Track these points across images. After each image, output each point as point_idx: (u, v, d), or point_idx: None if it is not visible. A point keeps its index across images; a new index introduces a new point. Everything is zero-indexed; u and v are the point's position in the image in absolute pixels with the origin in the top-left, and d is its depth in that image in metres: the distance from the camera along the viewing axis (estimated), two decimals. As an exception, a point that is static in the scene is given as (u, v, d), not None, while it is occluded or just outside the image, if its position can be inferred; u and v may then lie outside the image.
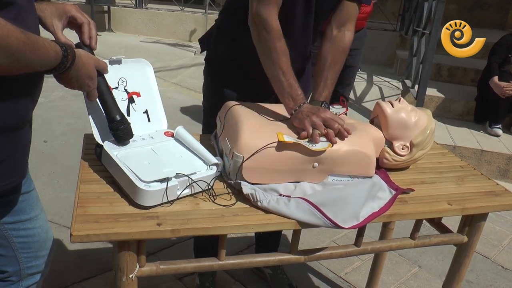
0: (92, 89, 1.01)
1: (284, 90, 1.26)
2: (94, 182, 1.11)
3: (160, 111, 1.29)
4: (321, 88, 1.36)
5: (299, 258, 1.15)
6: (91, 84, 1.00)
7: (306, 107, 1.23)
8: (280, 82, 1.27)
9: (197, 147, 1.18)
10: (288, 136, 1.13)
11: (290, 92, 1.26)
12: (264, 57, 1.30)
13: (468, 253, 1.35)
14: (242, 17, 1.35)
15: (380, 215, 1.11)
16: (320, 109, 1.21)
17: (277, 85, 1.28)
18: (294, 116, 1.23)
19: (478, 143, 3.46)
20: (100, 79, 1.05)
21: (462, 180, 1.34)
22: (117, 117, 1.08)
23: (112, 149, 1.11)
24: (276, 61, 1.26)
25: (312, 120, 1.18)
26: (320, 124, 1.17)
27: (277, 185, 1.13)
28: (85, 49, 1.03)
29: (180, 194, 1.05)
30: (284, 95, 1.27)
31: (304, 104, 1.24)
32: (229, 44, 1.50)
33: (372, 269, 1.91)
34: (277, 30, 1.26)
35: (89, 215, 0.97)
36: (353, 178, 1.19)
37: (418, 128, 1.28)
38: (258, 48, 1.30)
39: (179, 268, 1.08)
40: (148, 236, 0.97)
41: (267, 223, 1.03)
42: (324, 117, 1.18)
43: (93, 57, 1.01)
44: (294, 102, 1.25)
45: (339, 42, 1.40)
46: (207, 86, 1.63)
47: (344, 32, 1.41)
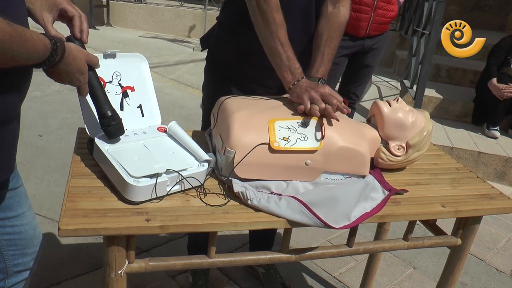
0: (82, 84, 1.00)
1: (283, 62, 1.25)
2: (86, 176, 1.10)
3: (154, 106, 1.27)
4: (317, 64, 1.33)
5: (290, 257, 1.14)
6: (82, 78, 0.98)
7: (305, 82, 1.22)
8: (279, 54, 1.25)
9: (189, 143, 1.16)
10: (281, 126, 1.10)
11: (289, 65, 1.24)
12: (262, 29, 1.28)
13: (462, 255, 1.34)
14: (244, 11, 1.33)
15: (372, 216, 1.09)
16: (319, 85, 1.20)
17: (275, 58, 1.26)
18: (292, 90, 1.22)
19: (476, 144, 3.45)
20: (91, 73, 1.03)
21: (457, 182, 1.33)
22: (109, 112, 1.07)
23: (104, 144, 1.10)
24: (275, 32, 1.25)
25: (311, 94, 1.16)
26: (318, 99, 1.15)
27: (269, 182, 1.12)
28: (76, 43, 1.01)
29: (170, 190, 1.04)
30: (282, 68, 1.25)
31: (302, 78, 1.23)
32: (231, 42, 1.48)
33: (366, 269, 1.90)
34: (276, 2, 1.25)
35: (78, 210, 0.96)
36: (347, 177, 1.18)
37: (415, 129, 1.27)
38: (255, 21, 1.29)
39: (168, 265, 1.07)
40: (137, 231, 0.95)
41: (257, 221, 1.02)
42: (323, 92, 1.17)
43: (84, 51, 0.99)
44: (293, 75, 1.24)
45: (335, 18, 1.38)
46: (207, 85, 1.61)
47: (339, 8, 1.39)
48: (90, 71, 1.02)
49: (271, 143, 1.09)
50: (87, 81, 1.01)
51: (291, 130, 1.12)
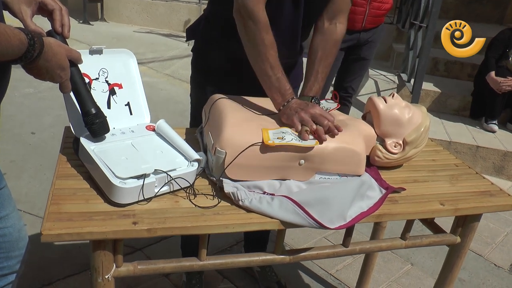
0: (64, 81, 0.95)
1: (272, 84, 1.21)
2: (71, 177, 1.06)
3: (142, 104, 1.23)
4: (311, 82, 1.30)
5: (284, 258, 1.10)
6: (63, 75, 0.94)
7: (295, 103, 1.18)
8: (268, 76, 1.21)
9: (179, 142, 1.12)
10: (274, 132, 1.08)
11: (279, 87, 1.20)
12: (250, 50, 1.23)
13: (461, 254, 1.31)
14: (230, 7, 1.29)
15: (369, 215, 1.06)
16: (309, 105, 1.16)
17: (265, 80, 1.22)
18: (282, 111, 1.18)
19: (474, 139, 3.42)
20: (73, 69, 0.99)
21: (456, 179, 1.30)
22: (92, 110, 1.02)
23: (89, 144, 1.06)
24: (263, 54, 1.20)
25: (301, 116, 1.13)
26: (308, 120, 1.12)
27: (262, 182, 1.08)
28: (57, 37, 0.97)
29: (158, 192, 1.00)
30: (272, 90, 1.21)
31: (293, 99, 1.19)
32: (216, 35, 1.44)
33: (363, 266, 1.87)
34: (265, 22, 1.20)
35: (62, 213, 0.92)
36: (342, 176, 1.15)
37: (412, 125, 1.23)
38: (244, 40, 1.24)
39: (158, 268, 1.03)
40: (123, 235, 0.92)
41: (249, 223, 0.98)
42: (313, 113, 1.13)
43: (65, 46, 0.95)
44: (283, 97, 1.20)
45: (331, 34, 1.34)
46: (194, 77, 1.58)
47: (335, 24, 1.35)
48: (72, 67, 0.98)
49: (264, 141, 1.05)
50: (69, 78, 0.96)
51: (285, 133, 1.08)
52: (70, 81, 0.98)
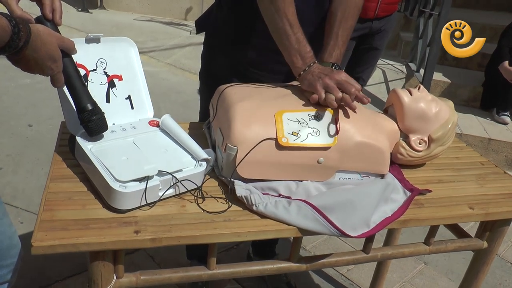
0: (56, 73, 0.85)
1: (291, 45, 1.09)
2: (67, 179, 0.97)
3: (145, 97, 1.13)
4: (330, 47, 1.17)
5: (300, 266, 1.01)
6: (55, 67, 0.83)
7: (317, 67, 1.07)
8: (287, 35, 1.09)
9: (185, 139, 1.02)
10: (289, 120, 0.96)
11: (298, 49, 1.09)
12: (267, 5, 1.12)
13: (488, 260, 1.21)
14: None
15: (394, 221, 0.96)
16: (334, 71, 1.05)
17: (283, 40, 1.11)
18: (302, 77, 1.07)
19: (485, 131, 3.31)
20: (66, 60, 0.88)
21: (483, 179, 1.20)
22: (88, 106, 0.92)
23: (86, 143, 0.96)
24: (282, 10, 1.09)
25: (325, 82, 1.01)
26: (334, 87, 1.00)
27: (277, 183, 0.99)
28: (47, 24, 0.86)
29: (162, 196, 0.91)
30: (291, 52, 1.10)
31: (314, 63, 1.08)
32: (231, 22, 1.33)
33: (377, 267, 1.78)
34: None
35: (56, 221, 0.83)
36: (364, 176, 1.05)
37: (439, 120, 1.13)
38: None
39: (163, 279, 0.94)
40: (124, 246, 0.82)
41: (264, 230, 0.89)
42: (339, 79, 1.01)
43: (56, 34, 0.84)
44: (303, 60, 1.08)
45: None
46: (205, 72, 1.47)
47: None
48: (65, 58, 0.87)
49: (278, 138, 0.95)
50: (61, 70, 0.86)
51: (302, 124, 0.98)
52: (63, 73, 0.87)
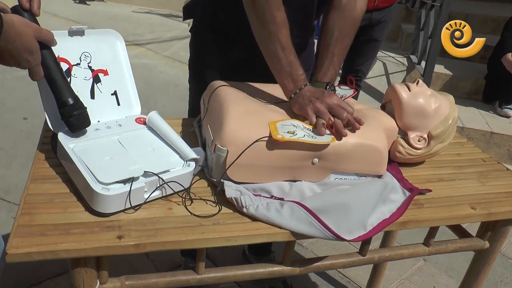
0: (34, 66, 0.80)
1: (283, 69, 1.05)
2: (49, 180, 0.92)
3: (132, 92, 1.08)
4: (325, 67, 1.12)
5: (294, 270, 0.97)
6: (32, 59, 0.79)
7: (309, 90, 1.02)
8: (278, 59, 1.05)
9: (173, 137, 0.98)
10: (283, 124, 0.92)
11: (290, 72, 1.04)
12: (259, 29, 1.07)
13: (489, 260, 1.17)
14: None
15: (392, 223, 0.92)
16: (325, 93, 1.00)
17: (275, 63, 1.06)
18: (293, 100, 1.03)
19: (487, 124, 3.26)
20: (45, 53, 0.84)
21: (485, 176, 1.15)
22: (70, 100, 0.88)
23: (68, 141, 0.91)
24: (274, 34, 1.04)
25: (316, 106, 0.97)
26: (325, 112, 0.96)
27: (270, 184, 0.94)
28: (23, 15, 0.81)
29: (148, 198, 0.86)
30: (282, 75, 1.06)
31: (306, 86, 1.03)
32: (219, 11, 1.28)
33: (375, 264, 1.74)
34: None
35: (34, 226, 0.78)
36: (361, 176, 1.00)
37: (438, 117, 1.08)
38: (251, 18, 1.08)
39: (149, 284, 0.90)
40: (106, 252, 0.78)
41: (255, 234, 0.84)
42: (330, 104, 0.97)
43: (33, 25, 0.79)
44: (294, 83, 1.04)
45: (349, 11, 1.15)
46: (194, 62, 1.43)
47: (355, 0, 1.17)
48: (44, 50, 0.83)
49: (273, 135, 0.89)
50: (39, 62, 0.81)
51: (297, 127, 0.93)
52: (42, 66, 0.83)
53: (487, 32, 4.57)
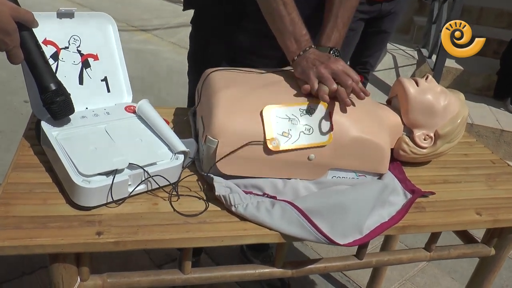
0: (12, 48, 0.75)
1: (285, 27, 0.98)
2: (31, 168, 0.88)
3: (123, 79, 1.03)
4: (329, 29, 1.05)
5: (285, 272, 0.92)
6: (9, 41, 0.74)
7: (313, 53, 0.96)
8: (280, 16, 0.98)
9: (162, 128, 0.92)
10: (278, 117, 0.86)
11: (293, 31, 0.98)
12: None
13: (495, 268, 1.12)
14: None
15: (391, 227, 0.87)
16: (331, 58, 0.93)
17: (276, 21, 1.00)
18: (296, 62, 0.96)
19: (498, 121, 3.17)
20: (25, 34, 0.78)
21: (493, 180, 1.09)
22: (52, 86, 0.83)
23: (52, 129, 0.87)
24: None
25: (320, 71, 0.90)
26: (328, 77, 0.89)
27: (262, 181, 0.89)
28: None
29: (132, 192, 0.81)
30: (284, 34, 0.99)
31: (310, 48, 0.97)
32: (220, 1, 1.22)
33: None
34: None
35: (10, 217, 0.74)
36: (360, 175, 0.94)
37: (447, 115, 1.02)
38: None
39: (132, 283, 0.85)
40: (84, 249, 0.73)
41: (242, 235, 0.79)
42: (335, 69, 0.90)
43: (9, 4, 0.73)
44: (298, 44, 0.97)
45: None
46: (193, 54, 1.37)
47: None
48: (24, 32, 0.78)
49: (267, 141, 0.85)
50: (17, 44, 0.76)
51: (292, 121, 0.87)
52: (22, 49, 0.78)
53: (502, 27, 4.45)
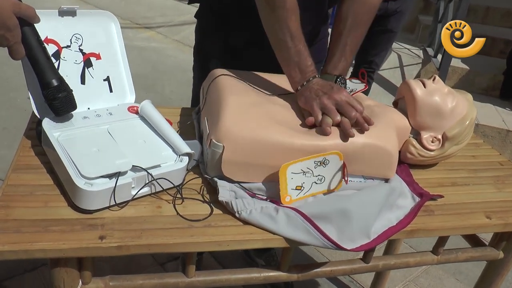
0: (13, 44, 0.74)
1: (291, 58, 0.97)
2: (32, 170, 0.87)
3: (126, 79, 1.02)
4: (336, 58, 1.04)
5: (291, 276, 0.90)
6: (10, 36, 0.73)
7: (317, 83, 0.94)
8: (287, 48, 0.97)
9: (166, 129, 0.91)
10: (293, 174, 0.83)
11: (298, 62, 0.96)
12: (268, 14, 0.99)
13: (503, 271, 1.09)
14: None
15: (399, 231, 0.85)
16: (334, 88, 0.92)
17: (282, 52, 0.99)
18: (300, 93, 0.95)
19: (504, 122, 3.14)
20: (27, 30, 0.78)
21: (502, 182, 1.07)
22: (54, 82, 0.82)
23: (53, 129, 0.85)
24: (283, 20, 0.96)
25: (323, 102, 0.89)
26: (332, 109, 0.88)
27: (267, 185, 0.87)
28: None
29: (135, 195, 0.80)
30: (289, 64, 0.98)
31: (314, 78, 0.95)
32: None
33: (379, 267, 1.67)
34: None
35: (10, 221, 0.73)
36: (367, 179, 0.93)
37: (455, 117, 1.00)
38: (260, 2, 1.00)
39: (135, 286, 0.84)
40: (86, 253, 0.72)
41: (248, 240, 0.78)
42: (339, 100, 0.89)
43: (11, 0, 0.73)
44: (302, 75, 0.96)
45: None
46: (198, 48, 1.36)
47: None
48: (26, 27, 0.77)
49: (282, 198, 0.83)
50: (19, 40, 0.75)
51: (306, 174, 0.84)
52: (24, 45, 0.77)
53: (508, 26, 4.42)
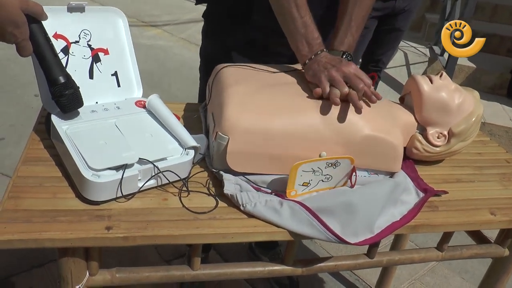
0: (21, 41, 0.75)
1: (297, 30, 0.97)
2: (41, 162, 0.88)
3: (133, 74, 1.02)
4: (342, 33, 1.03)
5: (295, 270, 0.91)
6: (18, 33, 0.74)
7: (325, 56, 0.94)
8: (293, 19, 0.97)
9: (173, 123, 0.92)
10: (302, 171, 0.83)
11: (305, 34, 0.96)
12: None
13: (509, 269, 1.09)
14: None
15: (402, 226, 0.85)
16: (343, 61, 0.92)
17: (288, 23, 0.98)
18: (307, 66, 0.95)
19: (511, 120, 3.13)
20: (34, 27, 0.78)
21: (508, 179, 1.07)
22: (61, 78, 0.83)
23: (61, 122, 0.86)
24: None
25: (331, 74, 0.89)
26: (340, 81, 0.88)
27: (272, 177, 0.88)
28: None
29: (142, 187, 0.81)
30: (296, 37, 0.98)
31: (322, 52, 0.96)
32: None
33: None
34: None
35: (20, 211, 0.74)
36: (372, 173, 0.93)
37: (462, 113, 1.00)
38: None
39: (141, 278, 0.85)
40: (93, 243, 0.73)
41: (253, 232, 0.79)
42: (347, 72, 0.89)
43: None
44: (309, 47, 0.96)
45: None
46: (205, 49, 1.36)
47: None
48: (33, 24, 0.78)
49: (287, 192, 0.84)
50: (27, 37, 0.76)
51: (315, 173, 0.85)
52: (31, 42, 0.78)
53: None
